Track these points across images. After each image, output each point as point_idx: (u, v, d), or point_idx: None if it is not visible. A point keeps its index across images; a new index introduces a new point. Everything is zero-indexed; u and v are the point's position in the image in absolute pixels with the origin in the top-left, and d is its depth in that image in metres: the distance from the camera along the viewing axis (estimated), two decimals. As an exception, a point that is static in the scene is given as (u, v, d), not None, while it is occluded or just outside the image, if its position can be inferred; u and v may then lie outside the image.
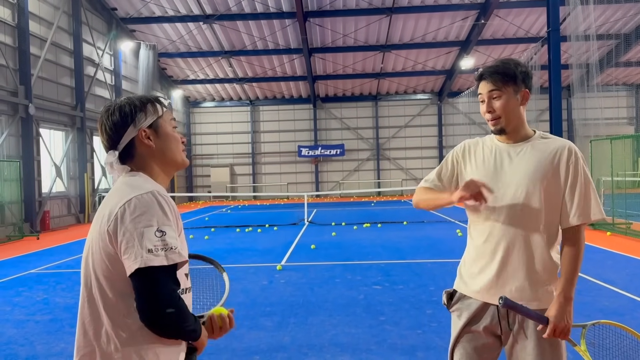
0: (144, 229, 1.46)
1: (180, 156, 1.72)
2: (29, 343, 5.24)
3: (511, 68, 2.18)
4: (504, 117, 2.18)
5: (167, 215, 1.51)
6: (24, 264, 10.22)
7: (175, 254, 1.47)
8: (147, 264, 1.42)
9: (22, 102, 16.11)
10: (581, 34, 16.01)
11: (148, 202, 1.50)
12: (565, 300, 2.12)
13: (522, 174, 2.17)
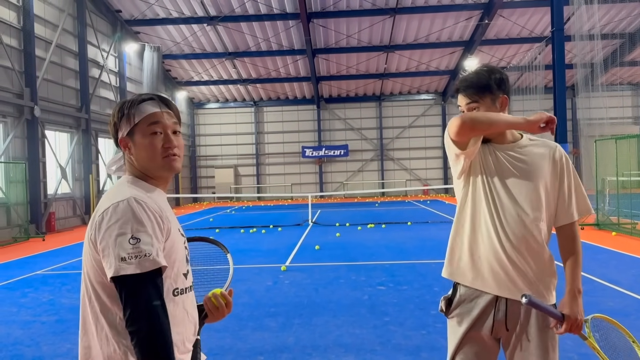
0: (117, 237, 1.45)
1: (158, 163, 1.63)
2: (35, 344, 5.27)
3: (484, 78, 2.18)
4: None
5: (142, 222, 1.48)
6: (30, 265, 10.28)
7: (149, 261, 1.44)
8: (120, 272, 1.42)
9: (28, 104, 16.19)
10: (585, 34, 15.95)
11: (123, 210, 1.48)
12: (577, 294, 2.17)
13: (524, 172, 2.19)
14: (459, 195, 2.35)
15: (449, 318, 2.36)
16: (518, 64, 23.81)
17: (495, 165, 2.22)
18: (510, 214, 2.18)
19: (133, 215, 1.48)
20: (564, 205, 2.22)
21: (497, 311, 2.21)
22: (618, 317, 5.61)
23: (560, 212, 2.23)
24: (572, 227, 2.24)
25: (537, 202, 2.18)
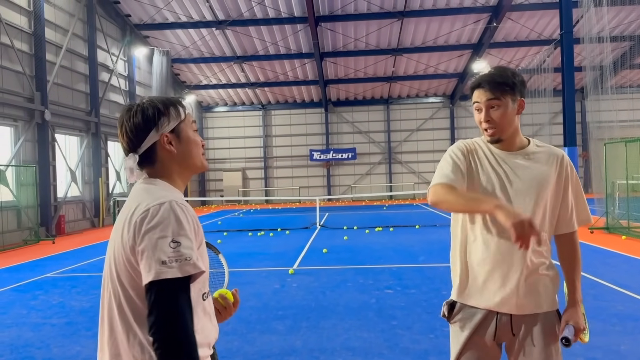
0: (158, 240, 1.41)
1: (199, 160, 1.67)
2: (45, 346, 5.32)
3: (509, 77, 2.14)
4: (501, 127, 2.15)
5: (182, 226, 1.45)
6: (40, 268, 10.36)
7: (190, 265, 1.41)
8: (160, 276, 1.38)
9: (38, 108, 16.35)
10: (594, 36, 15.87)
11: (164, 213, 1.45)
12: (579, 303, 2.19)
13: (529, 182, 2.16)
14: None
15: (451, 323, 2.35)
16: (527, 67, 23.72)
17: (497, 174, 2.19)
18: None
19: (175, 218, 1.45)
20: (566, 214, 2.21)
21: (500, 317, 2.19)
22: (628, 322, 5.60)
23: (561, 221, 2.22)
24: (573, 236, 2.24)
25: (540, 211, 2.15)
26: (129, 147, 1.61)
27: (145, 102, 1.63)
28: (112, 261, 1.53)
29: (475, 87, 2.20)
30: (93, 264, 10.66)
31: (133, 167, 1.60)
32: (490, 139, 2.19)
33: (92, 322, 6.14)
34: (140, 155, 1.60)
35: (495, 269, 2.17)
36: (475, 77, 2.22)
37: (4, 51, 15.27)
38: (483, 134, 2.22)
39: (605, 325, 5.38)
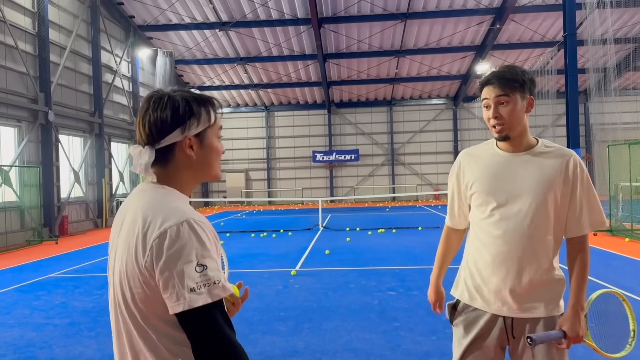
0: (183, 265, 1.29)
1: (216, 170, 1.54)
2: (48, 346, 5.32)
3: (518, 74, 2.14)
4: (510, 124, 2.14)
5: (206, 246, 1.33)
6: (43, 268, 10.39)
7: (219, 289, 1.31)
8: (192, 305, 1.27)
9: (42, 108, 16.40)
10: (598, 38, 15.85)
11: (185, 235, 1.31)
12: (580, 310, 2.14)
13: (530, 185, 2.14)
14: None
15: (453, 325, 2.36)
16: (530, 69, 23.67)
17: (498, 176, 2.19)
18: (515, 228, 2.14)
19: (197, 239, 1.32)
20: (574, 217, 2.17)
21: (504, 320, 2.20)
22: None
23: (570, 223, 2.18)
24: (581, 240, 2.19)
25: (543, 214, 2.13)
26: (146, 140, 1.45)
27: (177, 95, 1.46)
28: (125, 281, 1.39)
29: (484, 84, 2.19)
30: (96, 265, 10.68)
31: (148, 164, 1.44)
32: (498, 135, 2.17)
33: (95, 322, 6.16)
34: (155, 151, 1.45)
35: (497, 273, 2.17)
36: (485, 75, 2.22)
37: (8, 52, 15.32)
38: (491, 131, 2.20)
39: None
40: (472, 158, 2.30)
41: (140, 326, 1.38)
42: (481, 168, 2.24)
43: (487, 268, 2.20)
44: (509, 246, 2.15)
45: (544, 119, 23.98)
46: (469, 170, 2.28)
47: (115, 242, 1.48)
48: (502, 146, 2.24)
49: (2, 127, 15.40)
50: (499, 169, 2.20)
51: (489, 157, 2.24)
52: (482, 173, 2.23)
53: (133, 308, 1.38)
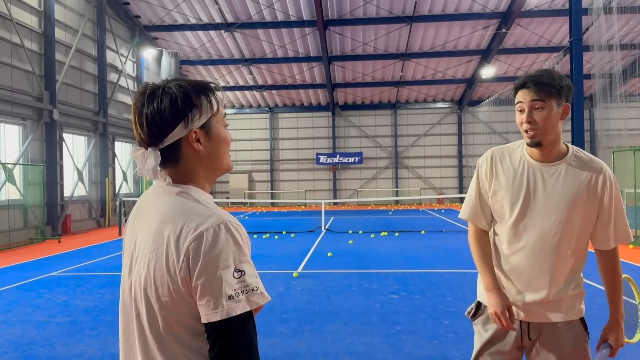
0: (221, 271, 1.20)
1: (227, 161, 1.42)
2: (50, 344, 5.32)
3: (556, 79, 2.08)
4: (543, 130, 2.08)
5: (243, 251, 1.25)
6: (46, 267, 10.40)
7: (258, 295, 1.23)
8: (230, 314, 1.18)
9: (47, 107, 16.45)
10: (604, 44, 15.80)
11: (222, 237, 1.23)
12: (620, 320, 2.19)
13: (557, 199, 2.10)
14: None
15: (473, 322, 2.36)
16: (535, 74, 23.60)
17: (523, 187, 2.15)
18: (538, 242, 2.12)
19: (234, 243, 1.24)
20: (600, 232, 2.16)
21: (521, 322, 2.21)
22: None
23: (597, 237, 2.17)
24: (610, 253, 2.19)
25: (567, 229, 2.10)
26: (148, 140, 1.32)
27: (172, 86, 1.33)
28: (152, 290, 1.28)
29: (520, 87, 2.13)
30: (98, 264, 10.68)
31: (155, 167, 1.32)
32: (530, 141, 2.12)
33: (96, 321, 6.15)
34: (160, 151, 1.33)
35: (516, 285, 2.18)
36: (520, 77, 2.16)
37: (14, 50, 15.38)
38: (524, 136, 2.15)
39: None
40: (500, 160, 2.23)
41: (160, 336, 1.29)
42: (508, 175, 2.19)
43: (505, 277, 2.21)
44: (530, 260, 2.13)
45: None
46: (495, 173, 2.23)
47: (131, 251, 1.38)
48: (532, 153, 2.18)
49: (7, 125, 15.45)
50: (526, 179, 2.15)
51: (517, 164, 2.19)
52: (508, 180, 2.18)
53: (158, 317, 1.28)
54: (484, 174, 2.26)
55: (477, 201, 2.29)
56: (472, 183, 2.33)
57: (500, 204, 2.19)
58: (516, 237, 2.15)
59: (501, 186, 2.19)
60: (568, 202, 2.09)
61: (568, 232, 2.10)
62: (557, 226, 2.09)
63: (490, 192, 2.23)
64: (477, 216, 2.29)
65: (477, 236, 2.30)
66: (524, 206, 2.13)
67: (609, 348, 2.17)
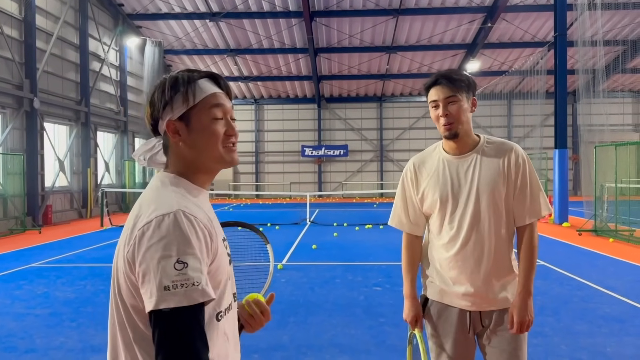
0: (161, 260, 1.18)
1: (217, 154, 1.37)
2: (29, 336, 5.24)
3: (464, 76, 2.27)
4: (458, 122, 2.24)
5: (190, 243, 1.21)
6: (25, 258, 10.24)
7: (198, 292, 1.17)
8: (161, 305, 1.15)
9: (27, 95, 16.14)
10: (588, 40, 15.94)
11: (169, 226, 1.21)
12: (528, 295, 2.24)
13: (478, 185, 2.25)
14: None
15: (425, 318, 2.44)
16: (520, 68, 23.81)
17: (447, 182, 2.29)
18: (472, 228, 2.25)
19: (181, 234, 1.20)
20: (519, 208, 2.28)
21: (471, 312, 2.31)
22: (614, 323, 5.63)
23: (515, 214, 2.29)
24: (529, 228, 2.29)
25: (497, 210, 2.24)
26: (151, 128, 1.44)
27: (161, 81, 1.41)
28: (115, 273, 1.32)
29: (432, 85, 2.30)
30: (79, 255, 10.55)
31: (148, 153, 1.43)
32: (448, 133, 2.26)
33: (77, 313, 6.07)
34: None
35: (461, 272, 2.28)
36: (429, 78, 2.34)
37: (-7, 37, 15.04)
38: (440, 130, 2.29)
39: (591, 327, 5.40)
40: (422, 165, 2.40)
41: (121, 320, 1.29)
42: (432, 176, 2.34)
43: (450, 268, 2.30)
44: (468, 246, 2.26)
45: (532, 119, 24.14)
46: (421, 178, 2.38)
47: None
48: (448, 149, 2.34)
49: (-14, 114, 15.13)
50: (448, 174, 2.30)
51: (437, 163, 2.35)
52: (433, 181, 2.33)
53: (119, 301, 1.29)
54: (409, 181, 2.42)
55: (402, 209, 2.46)
56: (398, 192, 2.49)
57: (433, 203, 2.32)
58: (454, 229, 2.28)
59: (429, 186, 2.34)
60: (490, 185, 2.24)
61: (497, 212, 2.25)
62: (487, 210, 2.24)
63: (419, 196, 2.38)
64: (404, 223, 2.46)
65: (407, 242, 2.48)
66: (454, 199, 2.28)
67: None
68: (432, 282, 2.39)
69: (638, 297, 6.67)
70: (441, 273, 2.34)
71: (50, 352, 4.78)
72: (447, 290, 2.32)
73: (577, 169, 29.38)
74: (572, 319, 5.70)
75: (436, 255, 2.36)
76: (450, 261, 2.29)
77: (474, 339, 2.34)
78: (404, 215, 2.46)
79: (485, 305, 2.27)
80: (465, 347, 2.32)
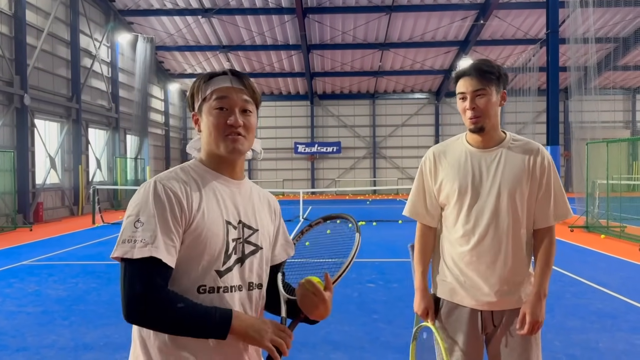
0: (127, 218, 1.40)
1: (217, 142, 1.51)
2: (20, 335, 5.19)
3: (495, 69, 2.19)
4: (485, 116, 2.18)
5: (152, 206, 1.39)
6: (16, 255, 10.15)
7: (145, 249, 1.34)
8: (115, 253, 1.36)
9: (18, 92, 15.99)
10: (580, 37, 16.01)
11: (143, 191, 1.43)
12: (543, 296, 2.20)
13: (501, 181, 2.19)
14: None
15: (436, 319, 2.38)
16: (512, 66, 23.89)
17: (468, 174, 2.23)
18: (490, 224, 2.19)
19: (147, 198, 1.40)
20: (541, 210, 2.23)
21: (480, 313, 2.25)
22: (606, 319, 5.66)
23: (537, 216, 2.24)
24: (548, 231, 2.25)
25: (516, 209, 2.19)
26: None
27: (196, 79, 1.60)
28: None
29: (461, 76, 2.22)
30: (71, 253, 10.48)
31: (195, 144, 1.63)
32: (473, 127, 2.20)
33: (69, 311, 6.02)
34: None
35: (475, 269, 2.22)
36: (460, 68, 2.26)
37: (-18, 33, 14.87)
38: (466, 123, 2.23)
39: (584, 323, 5.42)
40: (442, 155, 2.32)
41: None
42: (452, 166, 2.27)
43: (464, 264, 2.24)
44: (485, 242, 2.20)
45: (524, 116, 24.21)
46: (440, 168, 2.31)
47: None
48: (472, 141, 2.27)
49: (-24, 110, 14.98)
50: (470, 167, 2.23)
51: (459, 154, 2.28)
52: (453, 171, 2.26)
53: None
54: (428, 171, 2.34)
55: (419, 198, 2.38)
56: (416, 182, 2.41)
57: (451, 193, 2.25)
58: (470, 223, 2.21)
59: (448, 176, 2.26)
60: (512, 182, 2.18)
61: (516, 211, 2.19)
62: (507, 207, 2.18)
63: (437, 187, 2.31)
64: (419, 213, 2.38)
65: (420, 233, 2.41)
66: (473, 191, 2.21)
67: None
68: (443, 280, 2.33)
69: (629, 293, 6.72)
70: (452, 269, 2.28)
71: (41, 351, 4.73)
72: (457, 288, 2.26)
73: (568, 166, 29.54)
74: (564, 315, 5.73)
75: (448, 249, 2.30)
76: (464, 256, 2.23)
77: (483, 340, 2.29)
78: (420, 205, 2.38)
79: (498, 305, 2.21)
80: (476, 348, 2.26)
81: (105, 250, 10.64)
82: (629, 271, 8.30)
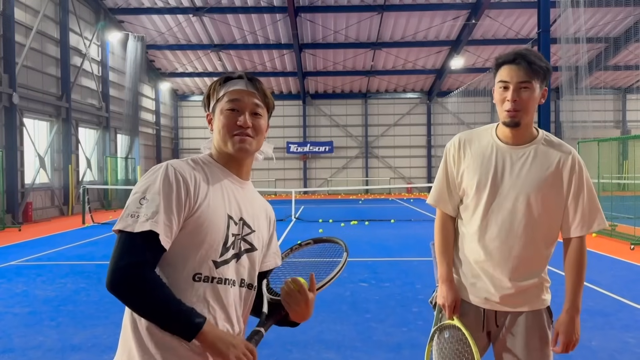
0: (134, 194, 1.45)
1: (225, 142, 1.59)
2: (6, 336, 5.10)
3: (542, 60, 2.01)
4: (525, 111, 2.01)
5: (160, 185, 1.44)
6: (4, 256, 10.02)
7: (146, 224, 1.38)
8: (117, 225, 1.40)
9: (6, 90, 15.80)
10: (571, 37, 16.09)
11: (154, 171, 1.49)
12: (576, 312, 2.10)
13: (524, 182, 2.05)
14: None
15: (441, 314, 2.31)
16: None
17: (491, 169, 2.09)
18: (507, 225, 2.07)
19: (155, 178, 1.46)
20: (571, 217, 2.08)
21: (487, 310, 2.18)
22: (598, 317, 5.65)
23: (565, 224, 2.11)
24: (579, 241, 2.11)
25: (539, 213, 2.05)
26: None
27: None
28: None
29: (507, 62, 2.03)
30: (60, 253, 10.36)
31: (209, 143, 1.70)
32: (509, 120, 2.04)
33: (57, 311, 5.94)
34: None
35: (485, 270, 2.13)
36: (508, 52, 2.06)
37: (-30, 30, 14.68)
38: (501, 115, 2.07)
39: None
40: (468, 144, 2.18)
41: None
42: (476, 158, 2.13)
43: (475, 263, 2.15)
44: (500, 243, 2.08)
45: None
46: (463, 157, 2.17)
47: None
48: (502, 136, 2.12)
49: (-37, 109, 14.78)
50: (494, 162, 2.09)
51: (485, 147, 2.14)
52: (476, 163, 2.12)
53: None
54: (452, 158, 2.21)
55: (444, 186, 2.24)
56: (440, 168, 2.28)
57: (469, 186, 2.14)
58: (485, 220, 2.10)
59: (470, 168, 2.14)
60: (536, 184, 2.04)
61: (536, 215, 2.05)
62: (524, 208, 2.05)
63: (458, 176, 2.18)
64: (443, 200, 2.25)
65: (442, 222, 2.26)
66: (492, 188, 2.08)
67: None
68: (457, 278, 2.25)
69: (621, 291, 6.73)
70: (463, 264, 2.19)
71: (28, 352, 4.65)
72: (463, 284, 2.18)
73: (559, 165, 29.69)
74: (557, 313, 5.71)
75: (460, 243, 2.20)
76: (474, 253, 2.13)
77: (487, 337, 2.21)
78: (444, 192, 2.23)
79: (502, 306, 2.12)
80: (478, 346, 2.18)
81: (95, 250, 10.53)
82: (620, 269, 8.33)
